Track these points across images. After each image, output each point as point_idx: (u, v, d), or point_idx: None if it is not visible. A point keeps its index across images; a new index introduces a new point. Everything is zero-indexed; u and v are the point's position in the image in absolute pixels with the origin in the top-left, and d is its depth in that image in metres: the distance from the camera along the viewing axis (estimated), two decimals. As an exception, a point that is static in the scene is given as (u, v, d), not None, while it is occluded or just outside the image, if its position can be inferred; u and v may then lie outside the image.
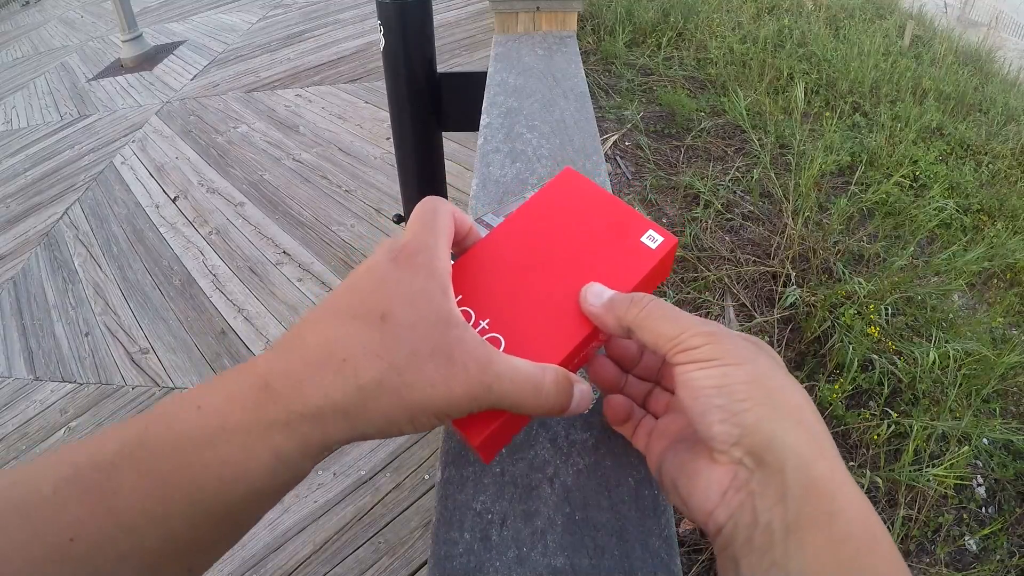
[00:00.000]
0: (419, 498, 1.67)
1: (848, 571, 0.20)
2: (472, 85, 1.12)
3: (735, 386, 0.24)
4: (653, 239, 0.34)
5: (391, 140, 1.30)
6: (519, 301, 0.31)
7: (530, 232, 0.34)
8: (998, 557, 1.52)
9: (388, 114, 1.25)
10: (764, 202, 2.49)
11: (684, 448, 0.27)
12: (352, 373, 0.23)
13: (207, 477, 0.21)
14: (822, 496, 0.21)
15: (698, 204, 2.42)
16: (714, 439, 0.24)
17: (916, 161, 2.73)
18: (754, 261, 2.19)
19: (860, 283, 2.01)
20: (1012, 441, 1.72)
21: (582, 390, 0.29)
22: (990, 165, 2.85)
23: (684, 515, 0.27)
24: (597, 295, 0.30)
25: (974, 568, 1.49)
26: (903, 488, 1.57)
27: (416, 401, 0.24)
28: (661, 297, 0.33)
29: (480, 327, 0.30)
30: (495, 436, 0.29)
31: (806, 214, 2.30)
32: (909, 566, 0.21)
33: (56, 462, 0.21)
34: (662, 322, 0.27)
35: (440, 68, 1.19)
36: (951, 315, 2.06)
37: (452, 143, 2.93)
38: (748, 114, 2.93)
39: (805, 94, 3.12)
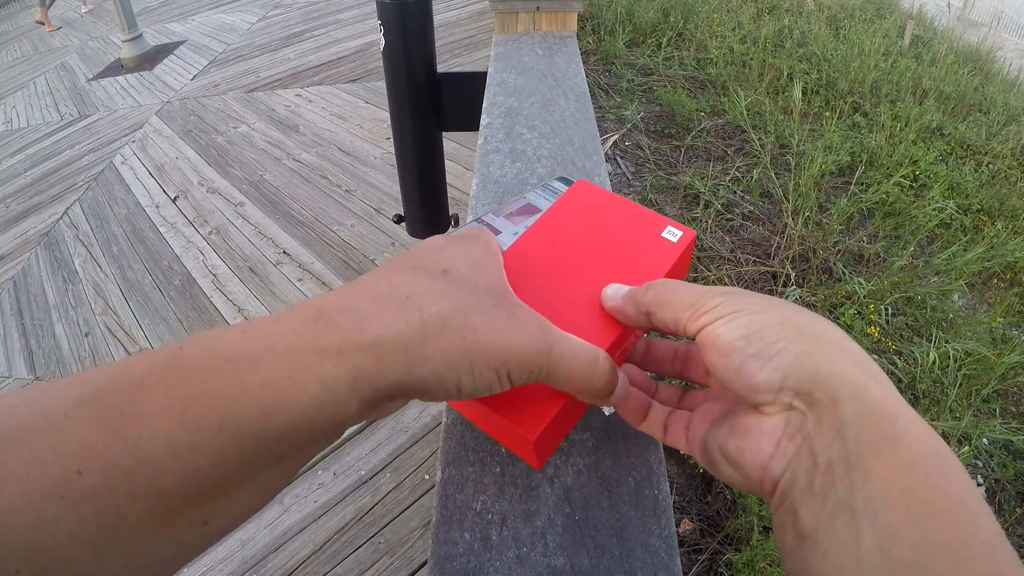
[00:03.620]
0: (419, 498, 1.67)
1: (918, 497, 0.18)
2: (472, 85, 1.13)
3: (764, 330, 0.22)
4: (673, 234, 0.35)
5: (391, 140, 1.30)
6: (551, 305, 0.31)
7: (553, 240, 0.35)
8: (998, 557, 1.52)
9: (388, 114, 1.25)
10: (764, 202, 2.49)
11: (726, 418, 0.26)
12: (416, 308, 0.22)
13: (244, 402, 0.18)
14: (881, 420, 0.20)
15: (698, 204, 2.42)
16: (757, 390, 0.22)
17: (916, 161, 2.73)
18: (754, 261, 2.19)
19: (860, 283, 2.01)
20: (1012, 441, 1.72)
21: (623, 377, 0.29)
22: (990, 165, 2.85)
23: (736, 484, 0.25)
24: (615, 291, 0.31)
25: (974, 568, 1.49)
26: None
27: (480, 344, 0.23)
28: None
29: None
30: (551, 430, 0.29)
31: (806, 214, 2.30)
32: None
33: (75, 382, 0.18)
34: (678, 294, 0.26)
35: (440, 68, 1.19)
36: (951, 315, 2.06)
37: (452, 143, 2.93)
38: (748, 114, 2.94)
39: (805, 94, 3.12)
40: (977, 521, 0.18)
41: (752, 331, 0.23)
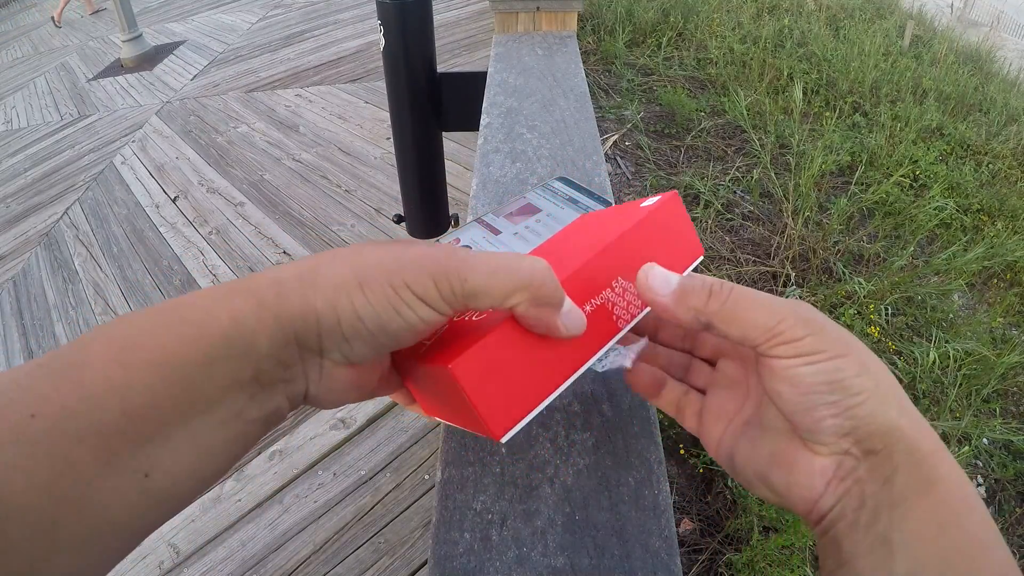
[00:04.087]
0: (419, 498, 1.67)
1: (946, 533, 0.21)
2: (472, 85, 1.13)
3: (847, 381, 0.23)
4: (651, 201, 0.33)
5: (391, 140, 1.30)
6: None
7: (552, 240, 0.36)
8: (998, 557, 1.52)
9: (388, 114, 1.25)
10: (764, 202, 2.49)
11: (760, 435, 0.27)
12: (318, 256, 0.24)
13: (168, 336, 0.20)
14: (924, 467, 0.22)
15: (698, 204, 2.42)
16: (822, 433, 0.23)
17: (916, 161, 2.73)
18: (754, 261, 2.19)
19: (860, 283, 2.01)
20: (1012, 441, 1.72)
21: (572, 303, 0.26)
22: (990, 165, 2.85)
23: (767, 500, 0.26)
24: (663, 281, 0.27)
25: (974, 568, 1.49)
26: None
27: (367, 261, 0.23)
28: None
29: None
30: (493, 368, 0.24)
31: (806, 214, 2.30)
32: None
33: (40, 357, 0.20)
34: (753, 312, 0.25)
35: (440, 68, 1.19)
36: (951, 315, 2.06)
37: (452, 143, 2.93)
38: (748, 114, 2.93)
39: (805, 94, 3.12)
40: (992, 554, 0.21)
41: (836, 379, 0.23)
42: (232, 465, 0.23)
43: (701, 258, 0.33)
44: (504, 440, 0.25)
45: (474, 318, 0.27)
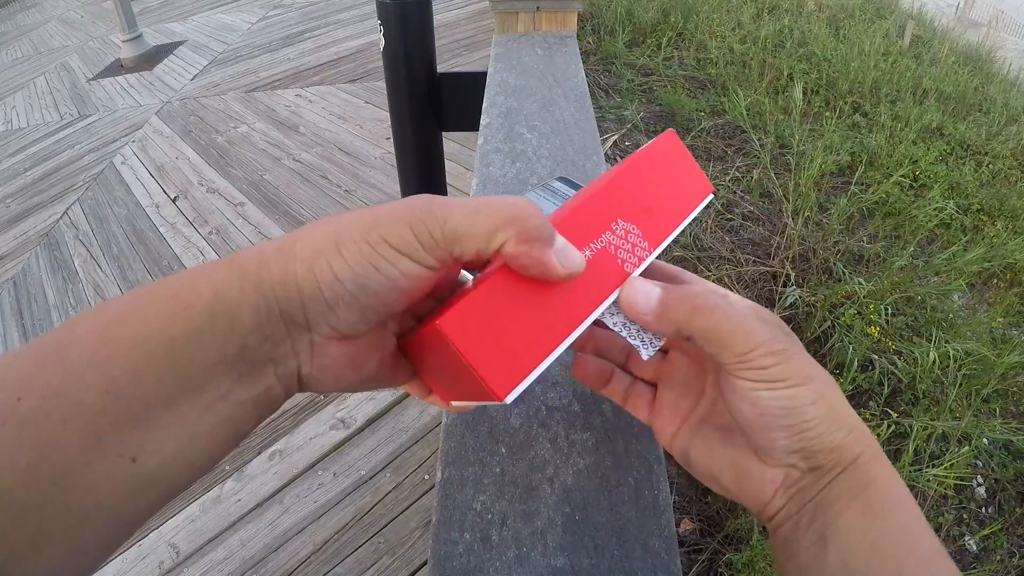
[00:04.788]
0: (419, 498, 1.67)
1: (873, 525, 0.24)
2: (472, 85, 1.12)
3: (803, 408, 0.25)
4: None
5: (391, 140, 1.30)
6: None
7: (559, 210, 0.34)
8: (998, 557, 1.52)
9: (388, 114, 1.24)
10: (764, 202, 2.49)
11: (715, 439, 0.29)
12: (298, 229, 0.23)
13: (152, 312, 0.20)
14: (859, 473, 0.25)
15: (698, 204, 2.41)
16: (774, 450, 0.26)
17: (916, 161, 2.73)
18: (754, 261, 2.19)
19: (860, 283, 2.01)
20: (1012, 441, 1.72)
21: (566, 241, 0.25)
22: (990, 165, 2.85)
23: (728, 498, 0.29)
24: (644, 296, 0.27)
25: (974, 568, 1.49)
26: (903, 488, 1.57)
27: (342, 222, 0.22)
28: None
29: None
30: (485, 319, 0.23)
31: (806, 214, 2.30)
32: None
33: (29, 342, 0.21)
34: (731, 336, 0.25)
35: (440, 68, 1.19)
36: (951, 315, 2.06)
37: (452, 143, 2.93)
38: (748, 114, 2.94)
39: (805, 94, 3.12)
40: (919, 542, 0.23)
41: (792, 406, 0.25)
42: (224, 452, 0.22)
43: (711, 196, 0.32)
44: (508, 400, 0.23)
45: (470, 286, 0.25)
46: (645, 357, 0.28)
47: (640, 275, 0.28)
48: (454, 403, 0.29)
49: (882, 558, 0.23)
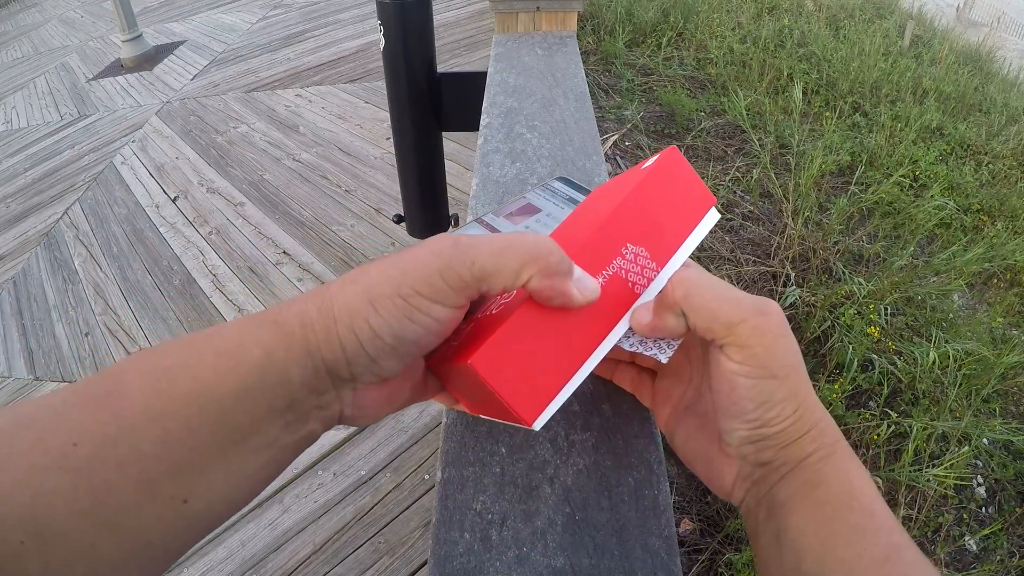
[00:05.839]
0: (419, 498, 1.67)
1: (824, 526, 0.24)
2: (472, 85, 1.12)
3: (773, 403, 0.25)
4: (650, 161, 0.32)
5: (391, 140, 1.30)
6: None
7: (563, 225, 0.35)
8: (998, 557, 1.52)
9: (388, 114, 1.25)
10: (764, 202, 2.49)
11: (695, 426, 0.30)
12: (332, 283, 0.24)
13: (203, 368, 0.21)
14: (808, 472, 0.26)
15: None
16: (731, 440, 0.27)
17: (916, 161, 2.73)
18: (754, 261, 2.19)
19: (860, 283, 2.01)
20: (1012, 441, 1.72)
21: (582, 270, 0.26)
22: (990, 165, 2.85)
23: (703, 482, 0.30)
24: (645, 309, 0.28)
25: (974, 568, 1.49)
26: (903, 488, 1.57)
27: (372, 281, 0.23)
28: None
29: None
30: (511, 352, 0.24)
31: (806, 214, 2.30)
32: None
33: (74, 384, 0.21)
34: (718, 303, 0.26)
35: (440, 68, 1.19)
36: (951, 315, 2.06)
37: (452, 143, 2.93)
38: (748, 114, 2.94)
39: (805, 94, 3.12)
40: (874, 540, 0.23)
41: (763, 400, 0.25)
42: (264, 486, 0.24)
43: (714, 207, 0.32)
44: (536, 426, 0.25)
45: (494, 311, 0.27)
46: (664, 360, 0.30)
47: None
48: (482, 415, 0.31)
49: (833, 560, 0.23)
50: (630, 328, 0.29)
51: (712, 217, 0.32)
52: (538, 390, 0.25)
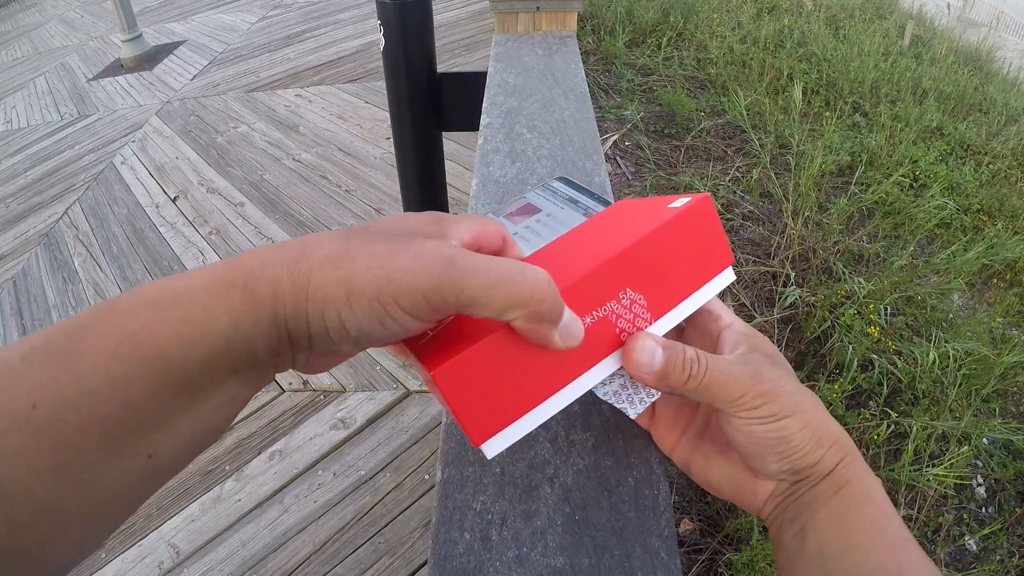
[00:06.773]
0: (419, 498, 1.67)
1: (845, 519, 0.28)
2: (472, 85, 1.12)
3: (792, 436, 0.29)
4: (680, 202, 0.30)
5: (391, 140, 1.30)
6: (549, 262, 0.29)
7: (574, 232, 0.34)
8: (998, 557, 1.52)
9: (388, 114, 1.25)
10: (764, 202, 2.49)
11: (715, 453, 0.33)
12: (311, 251, 0.23)
13: (168, 335, 0.20)
14: (835, 476, 0.29)
15: (698, 204, 2.41)
16: (768, 471, 0.30)
17: (916, 161, 2.73)
18: (754, 261, 2.19)
19: (860, 283, 2.01)
20: (1012, 441, 1.72)
21: (572, 314, 0.25)
22: (990, 165, 2.85)
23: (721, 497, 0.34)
24: (649, 356, 0.29)
25: (974, 568, 1.49)
26: (903, 488, 1.57)
27: (355, 271, 0.22)
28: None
29: None
30: (478, 377, 0.24)
31: (806, 214, 2.30)
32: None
33: (31, 335, 0.20)
34: (723, 389, 0.29)
35: (440, 68, 1.19)
36: (951, 315, 2.06)
37: (452, 143, 2.93)
38: (748, 114, 2.93)
39: (805, 94, 3.12)
40: (886, 532, 0.27)
41: (782, 436, 0.29)
42: (222, 433, 0.24)
43: (731, 268, 0.31)
44: (483, 448, 0.25)
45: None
46: (632, 416, 0.31)
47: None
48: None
49: (852, 546, 0.27)
50: (609, 376, 0.29)
51: (726, 277, 0.31)
52: (493, 416, 0.25)
